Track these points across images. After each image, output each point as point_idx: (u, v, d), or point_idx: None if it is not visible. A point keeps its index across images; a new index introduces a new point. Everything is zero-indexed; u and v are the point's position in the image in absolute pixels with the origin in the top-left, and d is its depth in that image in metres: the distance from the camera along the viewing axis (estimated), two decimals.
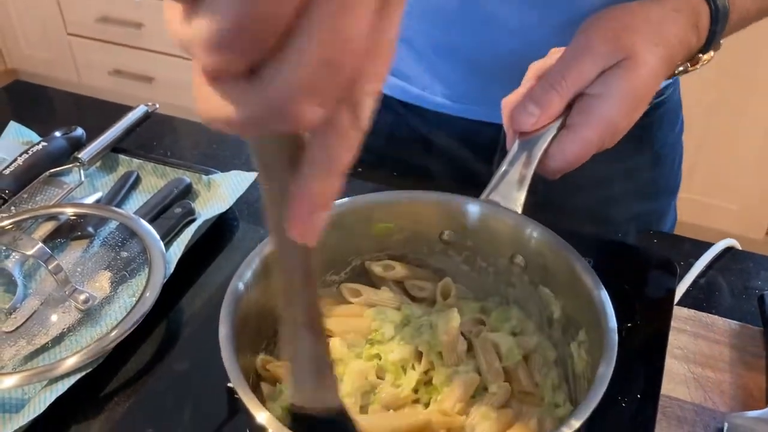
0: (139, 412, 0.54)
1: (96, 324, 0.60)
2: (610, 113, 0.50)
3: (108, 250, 0.67)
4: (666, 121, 0.81)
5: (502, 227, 0.49)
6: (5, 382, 0.54)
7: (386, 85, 0.79)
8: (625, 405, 0.51)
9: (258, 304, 0.45)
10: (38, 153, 0.76)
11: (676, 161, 0.86)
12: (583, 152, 0.51)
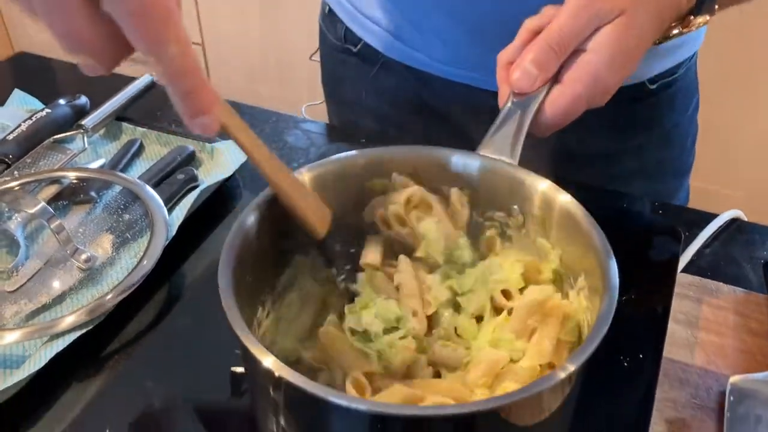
0: (138, 368, 0.54)
1: (97, 284, 0.60)
2: (600, 69, 0.50)
3: (110, 214, 0.66)
4: (678, 101, 0.80)
5: (500, 180, 0.48)
6: (6, 338, 0.54)
7: (391, 49, 0.78)
8: (626, 365, 0.51)
9: (260, 250, 0.45)
10: (42, 119, 0.76)
11: (688, 142, 0.84)
12: (573, 107, 0.51)
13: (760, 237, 0.67)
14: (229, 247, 0.41)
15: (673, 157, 0.83)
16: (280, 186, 0.45)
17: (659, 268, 0.58)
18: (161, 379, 0.52)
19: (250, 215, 0.44)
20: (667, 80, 0.76)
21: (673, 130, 0.81)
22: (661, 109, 0.78)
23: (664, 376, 0.52)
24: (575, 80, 0.50)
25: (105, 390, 0.53)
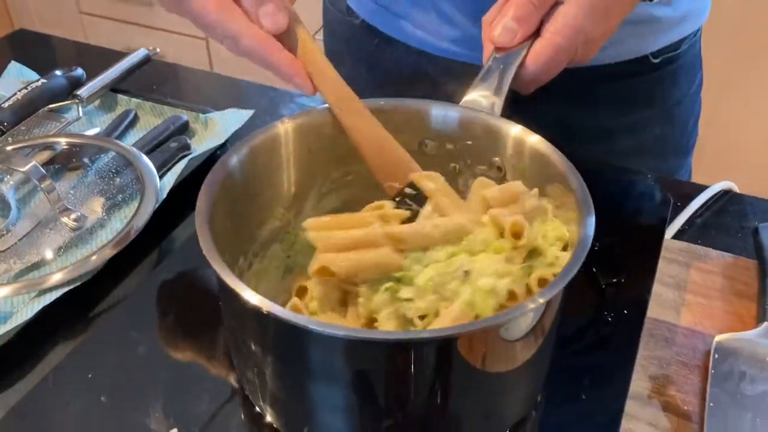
0: (124, 321, 0.54)
1: (86, 244, 0.61)
2: (577, 19, 0.50)
3: (102, 179, 0.67)
4: (681, 78, 0.79)
5: (479, 130, 0.49)
6: None
7: (395, 29, 0.78)
8: (611, 320, 0.51)
9: (243, 195, 0.45)
10: (38, 89, 0.76)
11: (691, 120, 0.84)
12: (554, 59, 0.50)
13: (752, 208, 0.67)
14: (209, 185, 0.41)
15: (675, 135, 0.82)
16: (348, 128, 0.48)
17: (648, 231, 0.58)
18: (146, 332, 0.53)
19: (233, 156, 0.44)
20: (670, 55, 0.76)
21: (675, 108, 0.80)
22: (663, 85, 0.78)
23: (650, 336, 0.52)
24: (555, 32, 0.50)
25: (90, 340, 0.53)
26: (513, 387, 0.42)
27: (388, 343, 0.36)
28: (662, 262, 0.57)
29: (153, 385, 0.48)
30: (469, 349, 0.36)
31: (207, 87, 0.87)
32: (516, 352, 0.38)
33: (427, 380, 0.37)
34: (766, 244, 0.56)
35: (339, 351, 0.37)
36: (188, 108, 0.77)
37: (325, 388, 0.39)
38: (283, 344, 0.38)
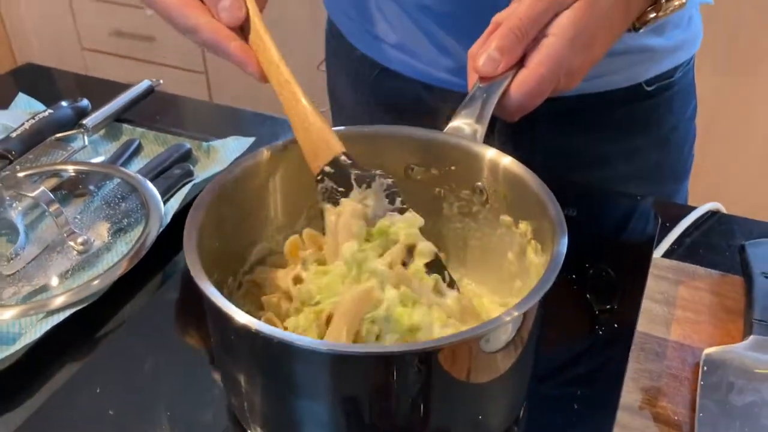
0: (131, 340, 0.56)
1: (93, 267, 0.62)
2: (561, 50, 0.52)
3: (108, 205, 0.69)
4: (675, 104, 0.81)
5: (462, 156, 0.51)
6: (2, 315, 0.56)
7: (389, 59, 0.80)
8: (602, 333, 0.52)
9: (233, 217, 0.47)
10: (45, 119, 0.78)
11: (686, 147, 0.86)
12: (537, 88, 0.52)
13: (739, 227, 0.69)
14: (197, 207, 0.44)
15: (671, 160, 0.84)
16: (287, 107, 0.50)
17: (637, 249, 0.60)
18: (151, 349, 0.54)
19: (222, 180, 0.47)
20: (665, 83, 0.78)
21: (671, 134, 0.82)
22: (658, 112, 0.80)
23: (641, 349, 0.54)
24: (539, 63, 0.52)
25: (97, 358, 0.54)
26: (495, 397, 0.43)
27: (369, 357, 0.37)
28: (652, 279, 0.59)
29: (158, 400, 0.50)
30: (451, 361, 0.38)
31: (208, 117, 0.89)
32: (497, 363, 0.40)
33: (410, 392, 0.38)
34: (752, 261, 0.58)
35: (322, 366, 0.38)
36: (191, 137, 0.80)
37: (310, 404, 0.41)
38: (267, 360, 0.40)
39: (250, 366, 0.41)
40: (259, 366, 0.41)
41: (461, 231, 0.54)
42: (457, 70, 0.76)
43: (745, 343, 0.52)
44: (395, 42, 0.79)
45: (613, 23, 0.55)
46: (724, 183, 1.80)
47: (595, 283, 0.57)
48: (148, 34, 2.35)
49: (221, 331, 0.43)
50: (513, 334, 0.39)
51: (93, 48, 2.49)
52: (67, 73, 0.99)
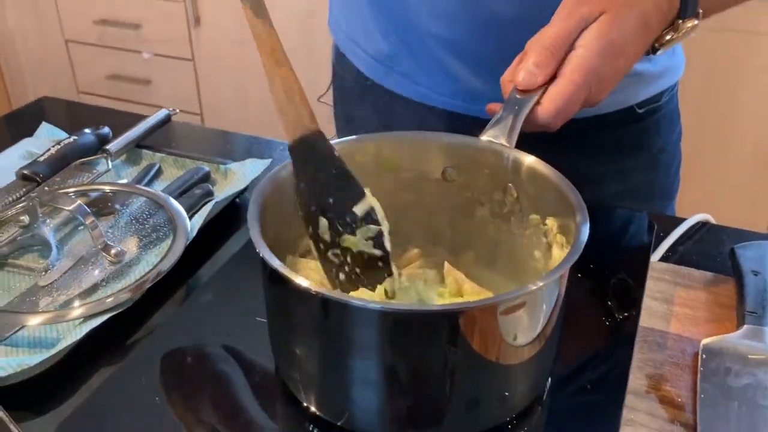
0: (159, 345, 0.59)
1: (124, 278, 0.66)
2: (589, 59, 0.57)
3: (136, 221, 0.72)
4: (663, 127, 0.87)
5: (497, 160, 0.56)
6: (38, 320, 0.59)
7: (395, 84, 0.85)
8: (608, 324, 0.56)
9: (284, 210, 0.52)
10: (69, 145, 0.83)
11: (673, 167, 0.91)
12: (571, 95, 0.57)
13: (727, 236, 0.74)
14: (259, 190, 0.49)
15: (660, 180, 0.90)
16: (271, 78, 0.51)
17: (636, 254, 0.65)
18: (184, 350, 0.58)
19: (283, 171, 0.52)
20: (653, 106, 0.84)
21: (660, 155, 0.88)
22: (648, 134, 0.86)
23: (644, 341, 0.58)
24: (571, 71, 0.57)
25: (131, 360, 0.58)
26: (520, 373, 0.48)
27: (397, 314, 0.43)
28: (651, 281, 0.64)
29: (197, 390, 0.53)
30: (477, 325, 0.43)
31: (223, 143, 0.94)
32: (520, 328, 0.44)
33: (439, 354, 0.44)
34: (741, 261, 0.63)
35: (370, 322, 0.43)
36: (208, 160, 0.84)
37: (360, 363, 0.45)
38: (323, 320, 0.45)
39: (305, 327, 0.46)
40: (313, 326, 0.46)
41: (493, 233, 0.59)
42: (465, 96, 0.81)
43: (739, 332, 0.56)
44: (402, 69, 0.83)
45: (636, 38, 0.59)
46: (711, 196, 1.88)
47: (609, 288, 0.62)
48: (145, 77, 2.41)
49: (277, 296, 0.48)
50: (538, 305, 0.44)
51: (89, 91, 2.55)
52: (83, 105, 1.04)
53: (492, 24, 0.74)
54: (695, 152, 1.81)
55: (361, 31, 0.86)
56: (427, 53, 0.81)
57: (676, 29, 0.63)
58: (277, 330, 0.51)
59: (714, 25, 1.49)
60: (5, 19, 2.51)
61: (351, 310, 0.44)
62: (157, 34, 2.30)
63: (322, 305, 0.44)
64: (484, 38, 0.76)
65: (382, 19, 0.82)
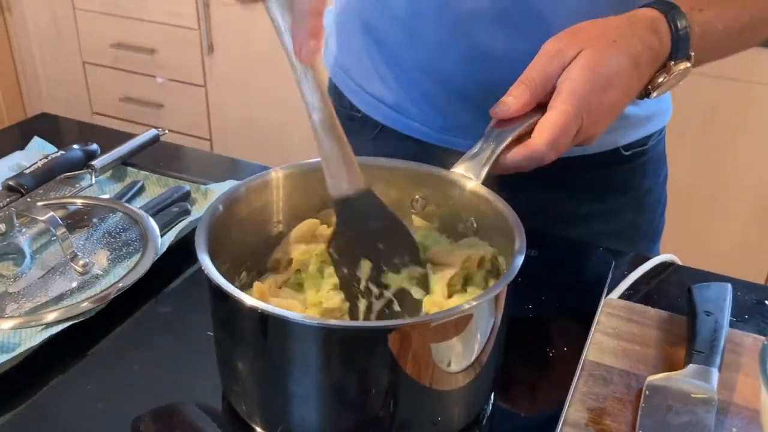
0: (122, 352, 0.61)
1: (90, 289, 0.67)
2: (577, 88, 0.58)
3: (109, 235, 0.74)
4: (649, 170, 0.88)
5: (461, 193, 0.57)
6: (2, 325, 0.61)
7: (386, 118, 0.86)
8: (552, 355, 0.57)
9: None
10: (56, 159, 0.85)
11: (659, 209, 0.92)
12: (563, 124, 0.57)
13: (692, 277, 0.74)
14: (210, 212, 0.51)
15: (646, 221, 0.90)
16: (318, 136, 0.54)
17: (590, 285, 0.66)
18: (141, 354, 0.59)
19: (231, 194, 0.54)
20: (640, 149, 0.85)
21: (646, 196, 0.89)
22: (634, 176, 0.87)
23: (590, 375, 0.58)
24: (561, 101, 0.58)
25: (87, 367, 0.59)
26: (454, 395, 0.48)
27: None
28: (605, 316, 0.64)
29: (145, 394, 0.54)
30: (407, 345, 0.43)
31: (208, 165, 0.96)
32: (455, 356, 0.45)
33: (371, 370, 0.45)
34: (697, 300, 0.63)
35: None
36: (190, 180, 0.86)
37: (296, 377, 0.46)
38: (260, 334, 0.46)
39: (243, 341, 0.48)
40: (250, 340, 0.47)
41: None
42: (451, 129, 0.82)
43: (685, 370, 0.57)
44: (392, 102, 0.85)
45: (625, 72, 0.60)
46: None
47: (558, 321, 0.63)
48: (157, 101, 2.46)
49: (219, 308, 0.49)
50: (471, 326, 0.45)
51: (102, 112, 2.60)
52: (81, 122, 1.06)
53: (478, 56, 0.76)
54: (692, 199, 1.82)
55: (354, 62, 0.88)
56: (415, 86, 0.82)
57: (668, 71, 0.64)
58: (219, 343, 0.52)
59: (714, 72, 1.50)
60: (27, 40, 2.58)
61: (288, 326, 0.45)
62: (171, 60, 2.35)
63: (260, 320, 0.46)
64: (471, 70, 0.77)
65: (373, 51, 0.84)
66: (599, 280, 0.67)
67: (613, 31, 0.61)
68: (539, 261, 0.67)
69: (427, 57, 0.79)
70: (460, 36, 0.76)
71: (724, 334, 0.60)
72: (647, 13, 0.64)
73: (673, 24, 0.63)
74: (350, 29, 0.86)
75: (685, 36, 0.63)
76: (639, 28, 0.62)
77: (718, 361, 0.57)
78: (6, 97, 2.64)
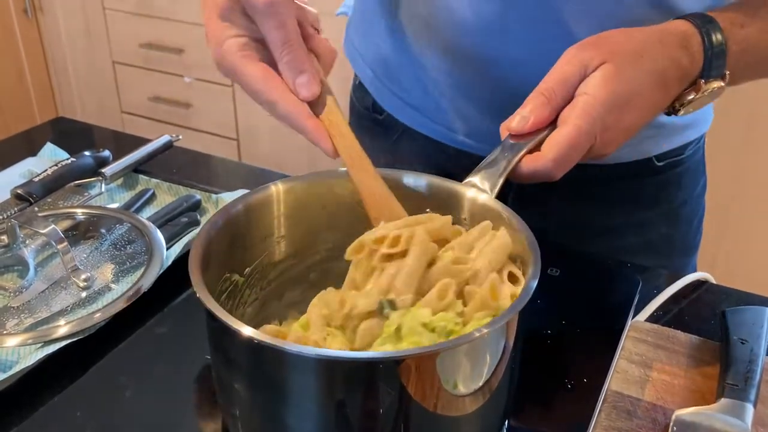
0: (118, 371, 0.58)
1: (94, 304, 0.65)
2: (595, 106, 0.54)
3: (115, 248, 0.72)
4: (685, 181, 0.83)
5: (472, 206, 0.54)
6: (4, 343, 0.59)
7: (410, 119, 0.84)
8: (570, 387, 0.53)
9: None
10: (67, 167, 0.83)
11: (695, 222, 0.87)
12: (574, 140, 0.54)
13: (726, 298, 0.69)
14: (205, 229, 0.49)
15: (680, 234, 0.86)
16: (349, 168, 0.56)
17: (615, 306, 0.61)
18: (134, 387, 0.57)
19: (231, 208, 0.52)
20: (675, 160, 0.80)
21: (681, 209, 0.84)
22: (668, 187, 0.82)
23: (613, 408, 0.54)
24: (576, 117, 0.54)
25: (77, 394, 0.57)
26: (463, 423, 0.45)
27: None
28: (631, 341, 0.60)
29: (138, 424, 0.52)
30: (416, 374, 0.40)
31: (222, 172, 0.94)
32: (462, 379, 0.42)
33: (377, 402, 0.42)
34: (731, 327, 0.59)
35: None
36: (202, 189, 0.84)
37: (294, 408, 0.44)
38: (255, 363, 0.44)
39: (241, 371, 0.45)
40: (248, 370, 0.45)
41: None
42: (473, 134, 0.79)
43: (715, 405, 0.52)
44: (417, 104, 0.82)
45: (647, 93, 0.57)
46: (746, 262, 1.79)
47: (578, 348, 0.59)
48: (186, 101, 2.45)
49: (217, 338, 0.47)
50: (479, 353, 0.42)
51: (131, 111, 2.61)
52: (97, 127, 1.05)
53: (495, 64, 0.73)
54: (729, 210, 1.74)
55: (379, 62, 0.86)
56: (438, 90, 0.79)
57: (698, 89, 0.60)
58: (217, 371, 0.50)
59: None
60: (59, 40, 2.60)
61: (285, 357, 0.42)
62: (199, 60, 2.35)
63: (256, 351, 0.43)
64: (489, 78, 0.74)
65: (399, 52, 0.81)
66: (626, 300, 0.63)
67: (640, 44, 0.57)
68: (560, 280, 0.63)
69: (443, 63, 0.76)
70: (478, 42, 0.72)
71: (760, 364, 0.55)
72: (680, 26, 0.60)
73: (707, 40, 0.58)
74: (376, 30, 0.84)
75: (720, 53, 0.59)
76: (668, 43, 0.58)
77: (754, 396, 0.52)
78: (38, 95, 2.66)
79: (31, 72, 2.62)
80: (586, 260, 0.70)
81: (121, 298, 0.64)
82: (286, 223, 0.57)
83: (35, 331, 0.61)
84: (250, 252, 0.55)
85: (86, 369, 0.60)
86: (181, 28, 2.33)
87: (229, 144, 2.45)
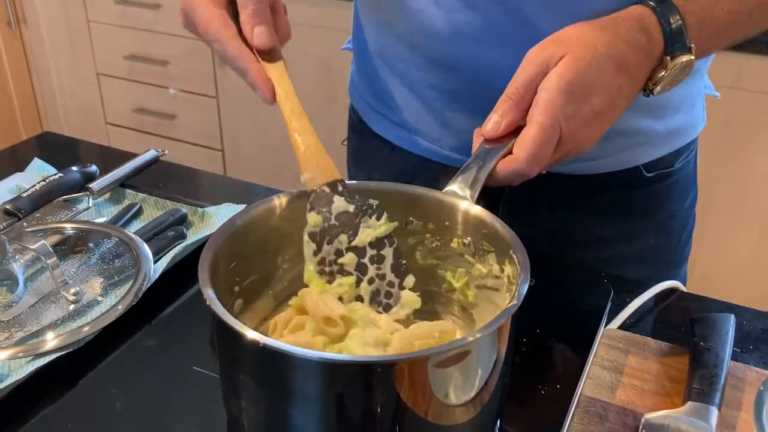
0: (108, 384, 0.60)
1: (83, 317, 0.67)
2: (552, 99, 0.56)
3: (103, 262, 0.74)
4: (675, 193, 0.84)
5: (454, 213, 0.57)
6: None
7: (397, 138, 0.85)
8: (544, 393, 0.55)
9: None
10: (54, 182, 0.85)
11: (684, 233, 0.88)
12: (540, 137, 0.56)
13: (696, 305, 0.72)
14: (214, 239, 0.53)
15: (669, 246, 0.87)
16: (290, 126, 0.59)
17: (588, 315, 0.64)
18: (125, 398, 0.58)
19: (236, 220, 0.56)
20: (665, 171, 0.81)
21: (669, 221, 0.85)
22: (657, 199, 0.83)
23: (586, 412, 0.56)
24: (538, 114, 0.57)
25: (76, 396, 0.58)
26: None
27: None
28: (603, 348, 0.63)
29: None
30: (408, 377, 0.43)
31: (208, 186, 0.95)
32: (454, 385, 0.45)
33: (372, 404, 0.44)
34: (697, 333, 0.62)
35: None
36: (188, 203, 0.85)
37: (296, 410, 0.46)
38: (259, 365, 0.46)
39: (247, 374, 0.48)
40: (253, 373, 0.47)
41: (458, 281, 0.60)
42: (460, 148, 0.80)
43: (682, 408, 0.55)
44: (402, 122, 0.84)
45: (607, 77, 0.58)
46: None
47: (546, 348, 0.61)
48: (170, 112, 2.47)
49: (224, 344, 0.49)
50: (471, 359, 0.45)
51: (116, 123, 2.62)
52: (83, 142, 1.06)
53: (481, 71, 0.74)
54: (703, 218, 1.77)
55: (366, 83, 0.87)
56: (426, 105, 0.81)
57: (665, 66, 0.61)
58: (224, 379, 0.52)
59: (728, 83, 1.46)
60: (43, 51, 2.60)
61: (288, 359, 0.44)
62: (183, 72, 2.36)
63: (260, 353, 0.45)
64: (476, 87, 0.75)
65: (385, 72, 0.83)
66: (598, 308, 0.65)
67: (595, 34, 0.59)
68: (536, 288, 0.65)
69: (432, 73, 0.78)
70: (457, 49, 0.74)
71: (725, 369, 0.58)
72: (634, 11, 0.61)
73: (662, 18, 0.60)
74: (363, 51, 0.86)
75: (678, 29, 0.60)
76: (623, 28, 0.60)
77: (718, 399, 0.55)
78: (22, 107, 2.66)
79: (15, 84, 2.62)
80: (560, 270, 0.73)
81: (110, 311, 0.65)
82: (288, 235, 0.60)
83: (25, 345, 0.62)
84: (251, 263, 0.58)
85: (76, 382, 0.61)
86: (165, 39, 2.34)
87: (214, 155, 2.46)
